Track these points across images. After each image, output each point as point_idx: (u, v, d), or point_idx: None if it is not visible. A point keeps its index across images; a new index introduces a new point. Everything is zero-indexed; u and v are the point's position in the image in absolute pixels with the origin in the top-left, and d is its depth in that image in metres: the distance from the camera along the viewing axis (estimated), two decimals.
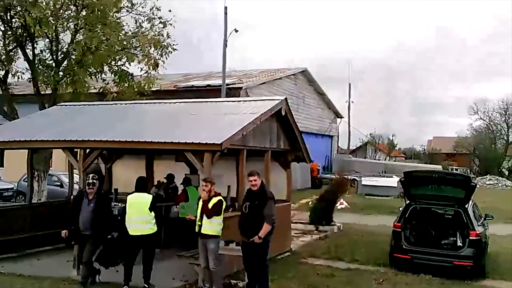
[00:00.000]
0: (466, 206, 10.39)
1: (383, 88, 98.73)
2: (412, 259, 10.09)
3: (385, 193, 26.84)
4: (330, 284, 9.21)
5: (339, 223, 15.98)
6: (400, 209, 12.58)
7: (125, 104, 12.50)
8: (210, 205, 8.05)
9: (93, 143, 9.51)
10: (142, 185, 8.90)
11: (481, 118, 62.53)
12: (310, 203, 22.21)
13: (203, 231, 8.05)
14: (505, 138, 61.78)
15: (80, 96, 16.52)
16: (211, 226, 8.09)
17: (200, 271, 8.47)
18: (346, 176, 16.84)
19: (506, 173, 54.08)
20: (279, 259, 11.22)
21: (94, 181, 8.63)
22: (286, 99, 10.86)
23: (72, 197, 12.88)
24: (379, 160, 60.76)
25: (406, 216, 10.67)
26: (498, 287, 9.53)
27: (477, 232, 9.99)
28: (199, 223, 8.14)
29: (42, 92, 17.58)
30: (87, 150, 9.83)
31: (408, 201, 11.00)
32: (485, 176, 45.76)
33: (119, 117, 11.13)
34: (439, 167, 42.54)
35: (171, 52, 18.22)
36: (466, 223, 10.07)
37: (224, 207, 8.30)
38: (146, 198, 8.60)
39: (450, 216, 10.66)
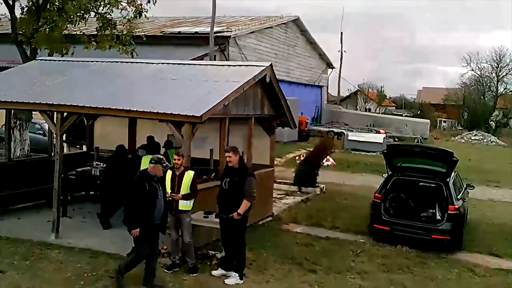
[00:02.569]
0: (448, 179, 10.39)
1: (373, 36, 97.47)
2: (391, 230, 10.17)
3: (371, 149, 26.88)
4: (308, 255, 9.28)
5: (323, 184, 16.01)
6: (383, 175, 12.63)
7: (105, 62, 12.01)
8: (185, 183, 7.91)
9: (69, 108, 9.19)
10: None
11: (472, 70, 62.27)
12: (296, 158, 22.25)
13: (180, 207, 7.94)
14: (494, 91, 61.81)
15: (55, 41, 15.90)
16: (188, 202, 7.99)
17: (171, 244, 8.39)
18: (331, 136, 16.66)
19: (493, 126, 54.36)
20: (260, 225, 11.27)
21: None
22: (271, 65, 10.49)
23: (54, 154, 12.75)
24: (370, 109, 60.78)
25: (388, 187, 10.67)
26: (473, 261, 9.66)
27: (456, 206, 10.04)
28: (170, 199, 7.94)
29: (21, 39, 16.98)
30: (65, 114, 9.51)
31: (390, 173, 10.98)
32: (471, 132, 45.97)
33: (98, 79, 10.71)
34: (427, 121, 42.65)
35: None
36: (446, 197, 10.11)
37: None
38: None
39: (431, 189, 10.66)
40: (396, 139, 34.89)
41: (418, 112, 58.83)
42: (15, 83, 10.78)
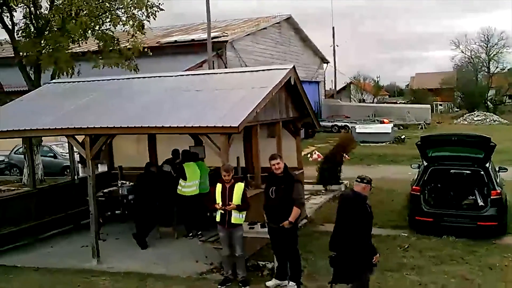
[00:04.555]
0: (487, 165, 10.25)
1: (360, 28, 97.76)
2: (434, 221, 10.01)
3: (379, 140, 26.84)
4: None
5: (346, 180, 15.84)
6: (412, 166, 12.49)
7: (120, 79, 11.79)
8: (236, 195, 7.71)
9: (99, 130, 8.96)
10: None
11: (462, 52, 62.50)
12: (308, 156, 22.07)
13: (233, 221, 7.73)
14: (487, 70, 62.07)
15: (60, 61, 15.71)
16: (240, 215, 7.80)
17: (223, 259, 8.21)
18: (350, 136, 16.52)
19: (491, 106, 54.53)
20: (299, 228, 11.05)
21: None
22: (294, 67, 10.32)
23: (76, 178, 12.52)
24: (364, 100, 60.83)
25: (425, 178, 10.51)
26: None
27: (498, 191, 9.92)
28: (222, 211, 7.79)
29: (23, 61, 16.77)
30: (92, 136, 9.27)
31: (426, 163, 10.82)
32: (472, 113, 46.04)
33: (118, 98, 10.47)
34: (427, 107, 42.63)
35: (158, 12, 17.32)
36: (487, 183, 9.98)
37: None
38: None
39: (469, 177, 10.52)
40: (401, 127, 34.88)
41: (412, 98, 58.92)
42: (35, 109, 10.55)
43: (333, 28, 49.70)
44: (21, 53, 16.79)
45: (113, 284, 8.25)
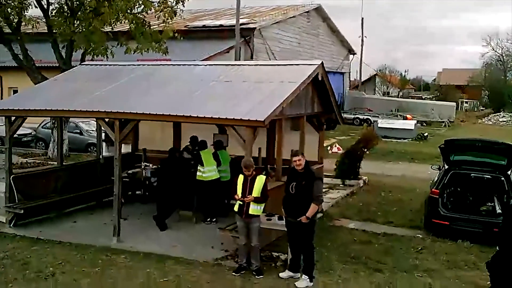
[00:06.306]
0: (508, 172, 10.26)
1: (389, 20, 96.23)
2: (450, 225, 10.09)
3: (401, 136, 26.72)
4: (370, 254, 9.24)
5: (364, 176, 15.96)
6: (432, 167, 12.53)
7: (151, 65, 12.03)
8: (257, 187, 7.92)
9: (129, 115, 9.22)
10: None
11: (493, 49, 61.25)
12: (328, 148, 22.17)
13: (251, 212, 7.95)
14: None
15: (94, 42, 16.04)
16: (258, 207, 8.01)
17: (239, 248, 8.45)
18: (373, 132, 16.54)
19: None
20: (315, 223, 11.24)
21: None
22: (322, 63, 10.41)
23: (101, 157, 12.90)
24: (389, 93, 60.20)
25: (445, 182, 10.57)
26: None
27: None
28: (241, 202, 8.02)
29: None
30: (122, 120, 9.54)
31: (447, 167, 10.86)
32: (498, 113, 45.28)
33: (148, 84, 10.67)
34: (452, 104, 42.07)
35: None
36: (508, 190, 9.98)
37: None
38: None
39: (489, 183, 10.54)
40: (424, 124, 34.58)
41: (438, 94, 58.17)
42: (68, 90, 10.84)
43: (362, 19, 49.44)
44: (54, 31, 17.16)
45: (133, 263, 8.52)
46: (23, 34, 17.76)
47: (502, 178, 10.17)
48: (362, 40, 48.75)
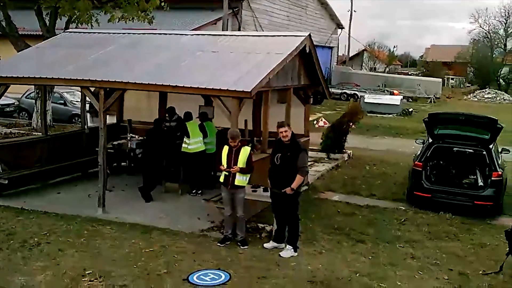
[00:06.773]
0: (490, 146, 10.40)
1: None
2: (433, 197, 10.25)
3: (387, 111, 26.85)
4: (353, 225, 9.38)
5: (349, 150, 16.06)
6: (417, 141, 12.65)
7: (138, 34, 11.85)
8: (241, 158, 7.93)
9: (114, 84, 9.11)
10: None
11: (481, 27, 61.26)
12: (314, 122, 22.23)
13: (237, 182, 7.98)
14: (503, 47, 60.98)
15: (80, 9, 15.71)
16: (244, 178, 8.04)
17: (225, 219, 8.51)
18: (359, 106, 16.59)
19: (504, 84, 53.90)
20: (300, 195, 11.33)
21: None
22: (310, 35, 10.35)
23: (86, 127, 12.80)
24: (375, 68, 60.22)
25: (428, 155, 10.69)
26: None
27: (499, 172, 10.09)
28: (226, 173, 8.04)
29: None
30: (107, 89, 9.44)
31: (431, 140, 10.98)
32: (483, 89, 45.61)
33: (135, 52, 10.55)
34: (439, 80, 42.30)
35: None
36: (489, 164, 10.15)
37: None
38: None
39: (472, 156, 10.69)
40: (410, 99, 34.75)
41: (425, 71, 58.32)
42: (53, 58, 10.66)
43: None
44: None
45: (118, 234, 8.53)
46: (6, 1, 17.30)
47: (484, 152, 10.32)
48: (351, 15, 48.45)
